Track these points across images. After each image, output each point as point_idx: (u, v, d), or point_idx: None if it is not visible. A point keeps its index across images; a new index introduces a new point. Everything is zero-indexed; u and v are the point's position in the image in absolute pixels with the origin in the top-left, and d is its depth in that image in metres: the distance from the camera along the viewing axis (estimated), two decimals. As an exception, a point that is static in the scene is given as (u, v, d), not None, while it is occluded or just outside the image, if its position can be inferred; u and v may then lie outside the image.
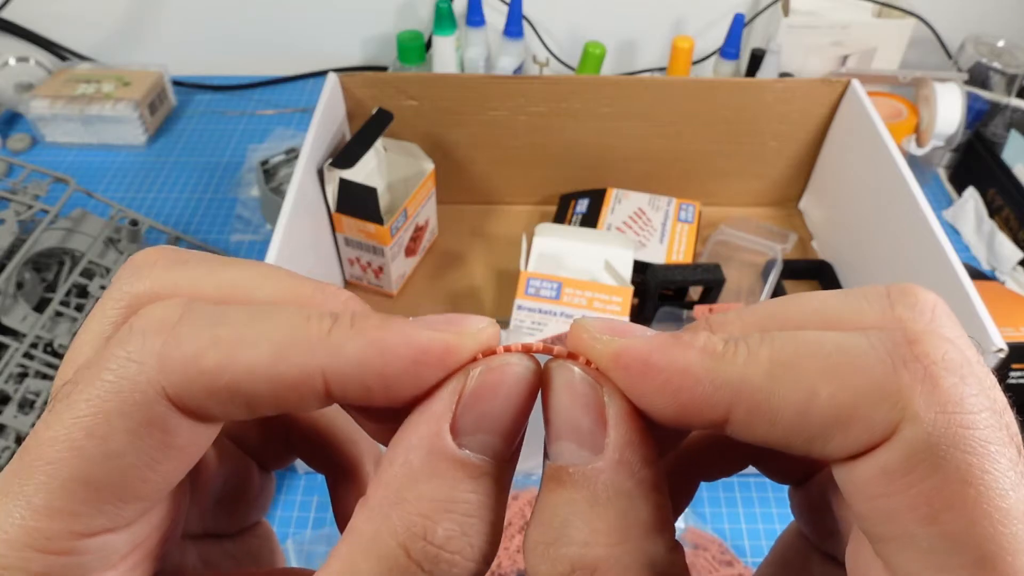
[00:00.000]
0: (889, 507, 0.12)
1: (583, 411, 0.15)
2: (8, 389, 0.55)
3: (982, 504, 0.11)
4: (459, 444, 0.15)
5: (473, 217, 0.81)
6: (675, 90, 0.73)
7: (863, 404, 0.12)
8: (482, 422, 0.15)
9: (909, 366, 0.12)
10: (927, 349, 0.12)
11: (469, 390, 0.15)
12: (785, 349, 0.13)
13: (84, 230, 0.63)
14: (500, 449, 0.15)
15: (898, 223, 0.62)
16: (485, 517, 0.15)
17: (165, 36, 1.04)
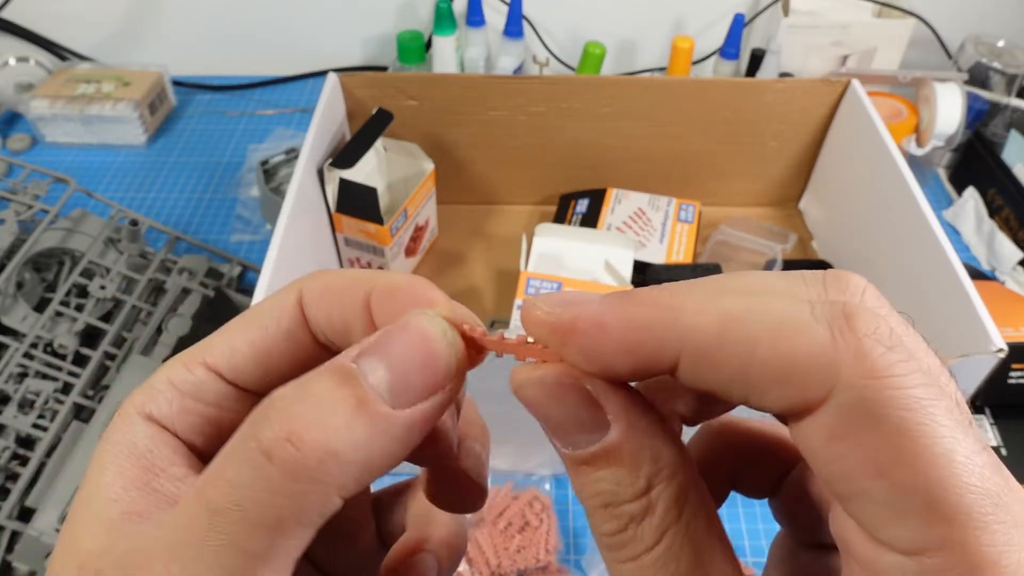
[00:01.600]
0: (843, 468, 0.13)
1: (575, 404, 0.16)
2: (8, 389, 0.55)
3: (922, 453, 0.13)
4: (355, 361, 0.15)
5: (473, 217, 0.81)
6: (675, 90, 0.73)
7: (799, 365, 0.14)
8: (374, 347, 0.16)
9: (844, 336, 0.13)
10: (859, 323, 0.14)
11: (395, 325, 0.16)
12: (734, 306, 0.15)
13: (84, 230, 0.63)
14: (382, 386, 0.15)
15: (898, 223, 0.62)
16: (324, 419, 0.14)
17: (165, 36, 1.04)
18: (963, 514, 0.12)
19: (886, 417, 0.13)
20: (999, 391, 0.59)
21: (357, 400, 0.15)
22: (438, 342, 0.16)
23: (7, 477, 0.53)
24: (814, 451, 0.14)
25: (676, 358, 0.15)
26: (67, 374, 0.57)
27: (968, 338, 0.50)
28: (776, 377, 0.14)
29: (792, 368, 0.14)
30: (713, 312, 0.15)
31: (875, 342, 0.13)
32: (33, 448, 0.54)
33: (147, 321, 0.61)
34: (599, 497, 0.16)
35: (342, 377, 0.15)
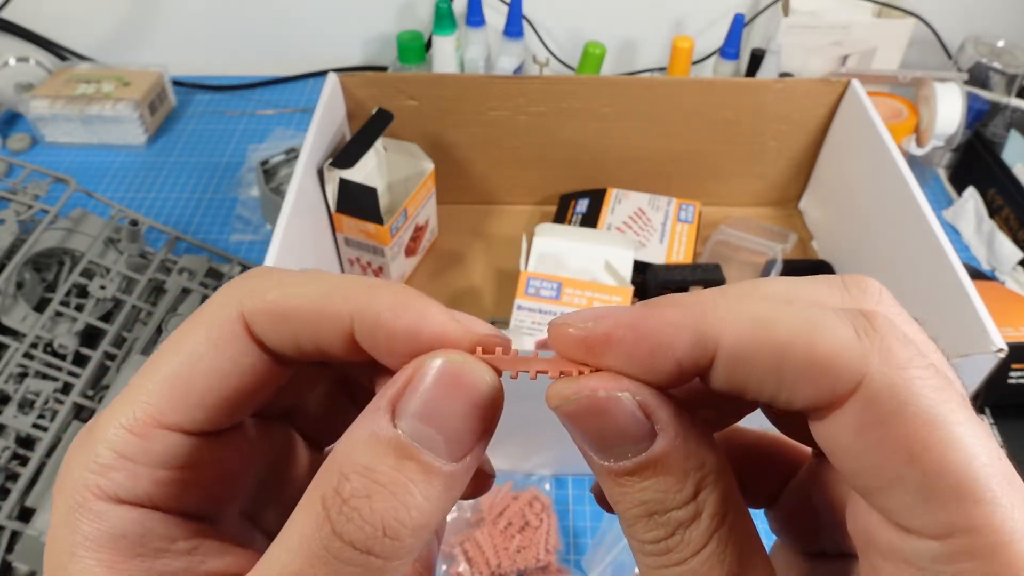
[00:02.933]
0: (872, 459, 0.14)
1: (622, 415, 0.16)
2: (8, 389, 0.55)
3: (948, 440, 0.13)
4: (394, 424, 0.15)
5: (473, 217, 0.81)
6: (675, 90, 0.73)
7: (830, 360, 0.14)
8: (421, 411, 0.15)
9: (869, 334, 0.14)
10: (879, 324, 0.15)
11: (417, 376, 0.16)
12: (764, 307, 0.15)
13: (84, 230, 0.63)
14: (438, 447, 0.15)
15: (898, 223, 0.62)
16: (403, 499, 0.15)
17: (165, 36, 1.04)
18: (985, 495, 0.13)
19: (913, 405, 0.14)
20: (999, 391, 0.59)
21: (424, 472, 0.15)
22: (482, 392, 0.16)
23: (7, 477, 0.53)
24: (842, 445, 0.15)
25: (712, 356, 0.15)
26: (67, 374, 0.57)
27: (968, 338, 0.50)
28: (808, 372, 0.14)
29: (824, 363, 0.14)
30: (745, 312, 0.15)
31: (896, 340, 0.14)
32: (33, 448, 0.54)
33: (147, 321, 0.61)
34: (643, 507, 0.16)
35: (400, 453, 0.15)
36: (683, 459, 0.16)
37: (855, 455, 0.14)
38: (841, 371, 0.14)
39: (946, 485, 0.13)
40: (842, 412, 0.14)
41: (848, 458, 0.15)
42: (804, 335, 0.15)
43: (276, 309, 0.17)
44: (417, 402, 0.15)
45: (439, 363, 0.16)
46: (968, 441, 0.14)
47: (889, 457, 0.14)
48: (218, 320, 0.17)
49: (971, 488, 0.13)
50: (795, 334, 0.15)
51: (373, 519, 0.14)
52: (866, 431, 0.14)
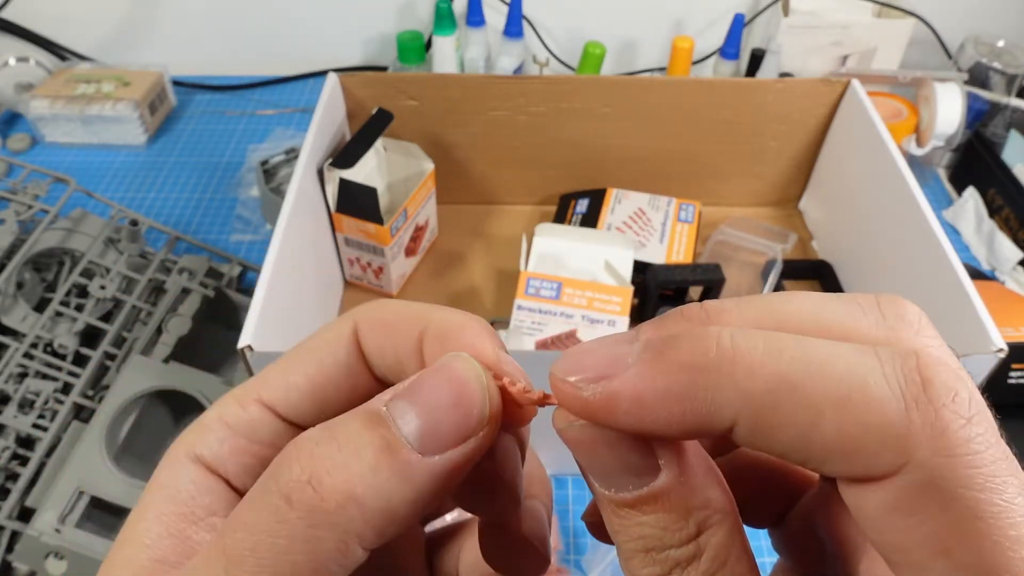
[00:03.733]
0: (902, 541, 0.13)
1: (626, 448, 0.15)
2: (8, 389, 0.55)
3: (992, 535, 0.12)
4: (385, 405, 0.15)
5: (473, 217, 0.81)
6: (675, 90, 0.73)
7: (870, 439, 0.12)
8: (407, 392, 0.15)
9: (921, 408, 0.12)
10: (937, 391, 0.12)
11: (429, 368, 0.16)
12: (792, 363, 0.13)
13: (84, 230, 0.63)
14: (411, 431, 0.15)
15: (898, 223, 0.62)
16: (346, 458, 0.14)
17: (165, 36, 1.04)
18: None
19: (959, 497, 0.12)
20: (999, 391, 0.59)
21: (384, 444, 0.14)
22: (469, 385, 0.15)
23: (7, 477, 0.53)
24: (871, 520, 0.13)
25: (731, 423, 0.14)
26: (67, 374, 0.57)
27: (968, 338, 0.50)
28: (841, 450, 0.13)
29: (861, 442, 0.13)
30: (769, 374, 0.13)
31: (954, 414, 0.13)
32: (33, 448, 0.54)
33: (147, 321, 0.61)
34: (641, 541, 0.15)
35: (370, 420, 0.15)
36: (686, 497, 0.15)
37: (883, 531, 0.13)
38: (882, 452, 0.13)
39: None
40: (878, 487, 0.13)
41: (875, 531, 0.13)
42: (838, 404, 0.13)
43: (378, 316, 0.18)
44: (412, 388, 0.15)
45: (451, 361, 0.16)
46: (1020, 535, 0.12)
47: (921, 545, 0.13)
48: (336, 325, 0.18)
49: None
50: (827, 402, 0.13)
51: (307, 463, 0.14)
52: (901, 514, 0.13)
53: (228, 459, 0.17)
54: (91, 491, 0.51)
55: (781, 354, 0.13)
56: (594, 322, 0.63)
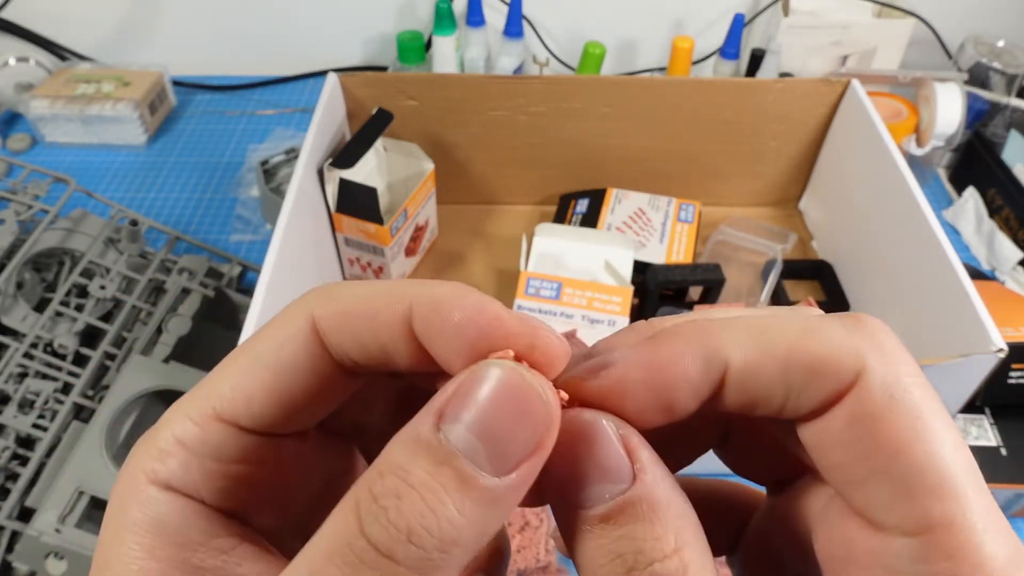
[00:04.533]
0: (861, 450, 0.15)
1: (605, 448, 0.15)
2: (8, 389, 0.55)
3: (936, 436, 0.14)
4: (438, 428, 0.14)
5: (473, 217, 0.81)
6: (675, 90, 0.73)
7: (833, 355, 0.15)
8: (466, 417, 0.14)
9: (863, 334, 0.15)
10: (873, 329, 0.16)
11: (469, 381, 0.15)
12: (762, 321, 0.16)
13: (84, 230, 0.63)
14: (480, 458, 0.14)
15: (898, 223, 0.62)
16: (433, 506, 0.14)
17: (165, 36, 1.04)
18: (963, 492, 0.14)
19: (905, 401, 0.14)
20: (999, 391, 0.59)
21: (460, 480, 0.14)
22: (528, 398, 0.14)
23: (7, 477, 0.53)
24: (831, 438, 0.15)
25: (724, 376, 0.15)
26: (67, 374, 0.57)
27: (968, 338, 0.50)
28: (813, 371, 0.15)
29: (825, 362, 0.15)
30: (744, 326, 0.16)
31: (884, 336, 0.15)
32: (33, 448, 0.54)
33: (147, 321, 0.61)
34: (620, 560, 0.14)
35: (437, 458, 0.14)
36: (665, 504, 0.15)
37: (844, 445, 0.15)
38: (842, 367, 0.15)
39: (928, 479, 0.14)
40: (838, 406, 0.15)
41: (836, 450, 0.15)
42: (803, 339, 0.15)
43: (342, 308, 0.16)
44: (463, 408, 0.14)
45: (495, 372, 0.15)
46: (950, 441, 0.14)
47: (877, 448, 0.14)
48: (287, 322, 0.17)
49: (951, 484, 0.14)
50: (795, 339, 0.15)
51: (399, 521, 0.13)
52: (858, 422, 0.15)
53: (201, 485, 0.16)
54: (91, 491, 0.51)
55: (750, 319, 0.16)
56: (594, 322, 0.63)
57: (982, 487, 0.14)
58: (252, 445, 0.17)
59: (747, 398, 0.16)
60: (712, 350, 0.15)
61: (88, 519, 0.52)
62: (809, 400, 0.15)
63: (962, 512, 0.14)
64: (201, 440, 0.16)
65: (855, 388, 0.15)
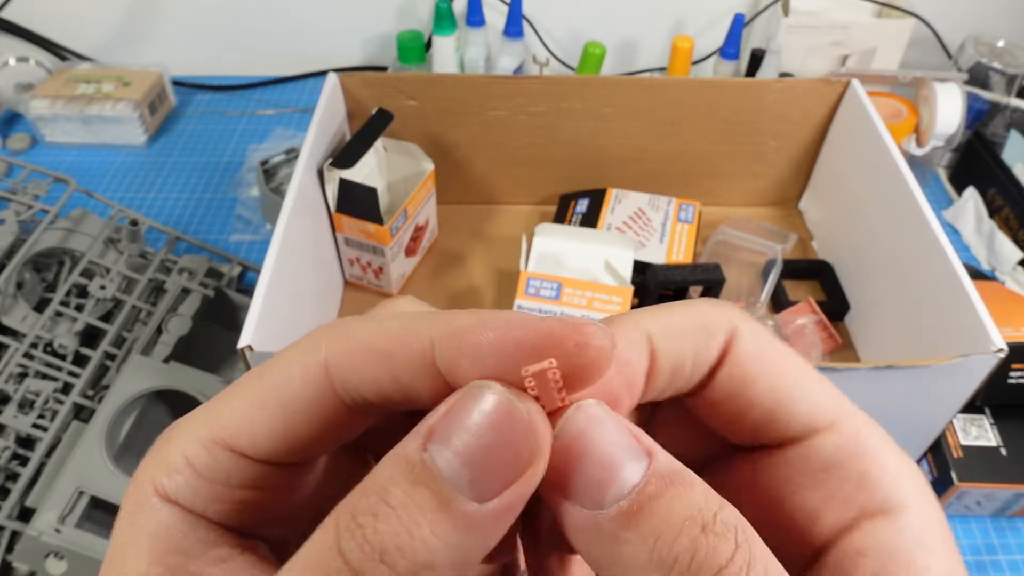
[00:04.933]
0: (770, 382, 0.18)
1: (617, 436, 0.15)
2: (8, 389, 0.55)
3: (804, 369, 0.18)
4: (424, 448, 0.14)
5: (473, 217, 0.81)
6: (675, 90, 0.73)
7: (715, 318, 0.18)
8: (451, 438, 0.14)
9: (729, 308, 0.18)
10: (734, 307, 0.19)
11: (460, 402, 0.14)
12: (658, 310, 0.18)
13: (84, 230, 0.63)
14: (461, 482, 0.14)
15: (898, 223, 0.62)
16: (408, 526, 0.13)
17: (165, 36, 1.04)
18: (847, 405, 0.18)
19: (774, 342, 0.18)
20: (999, 391, 0.59)
21: (438, 502, 0.13)
22: (511, 420, 0.14)
23: (7, 477, 0.53)
24: (735, 391, 0.18)
25: (652, 353, 0.17)
26: (67, 374, 0.57)
27: (968, 338, 0.50)
28: (706, 329, 0.18)
29: (712, 323, 0.18)
30: (650, 315, 0.18)
31: (737, 309, 0.18)
32: (33, 448, 0.54)
33: (147, 321, 0.61)
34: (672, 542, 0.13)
35: (416, 477, 0.14)
36: (687, 469, 0.14)
37: (751, 379, 0.17)
38: (721, 326, 0.18)
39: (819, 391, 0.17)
40: (724, 363, 0.18)
41: (751, 395, 0.18)
42: (690, 312, 0.18)
43: (356, 346, 0.16)
44: (450, 430, 0.14)
45: (486, 396, 0.14)
46: (810, 374, 0.18)
47: (779, 375, 0.17)
48: (297, 357, 0.16)
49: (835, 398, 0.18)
50: (685, 311, 0.18)
51: (373, 540, 0.13)
52: (746, 363, 0.18)
53: (208, 506, 0.16)
54: (91, 491, 0.51)
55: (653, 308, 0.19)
56: (594, 322, 0.63)
57: (851, 407, 0.17)
58: (259, 472, 0.17)
59: (669, 371, 0.17)
60: (642, 332, 0.17)
61: (88, 519, 0.52)
62: (708, 359, 0.18)
63: (852, 425, 0.17)
64: (207, 464, 0.16)
65: (733, 343, 0.17)
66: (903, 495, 0.16)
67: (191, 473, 0.16)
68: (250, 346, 0.46)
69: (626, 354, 0.17)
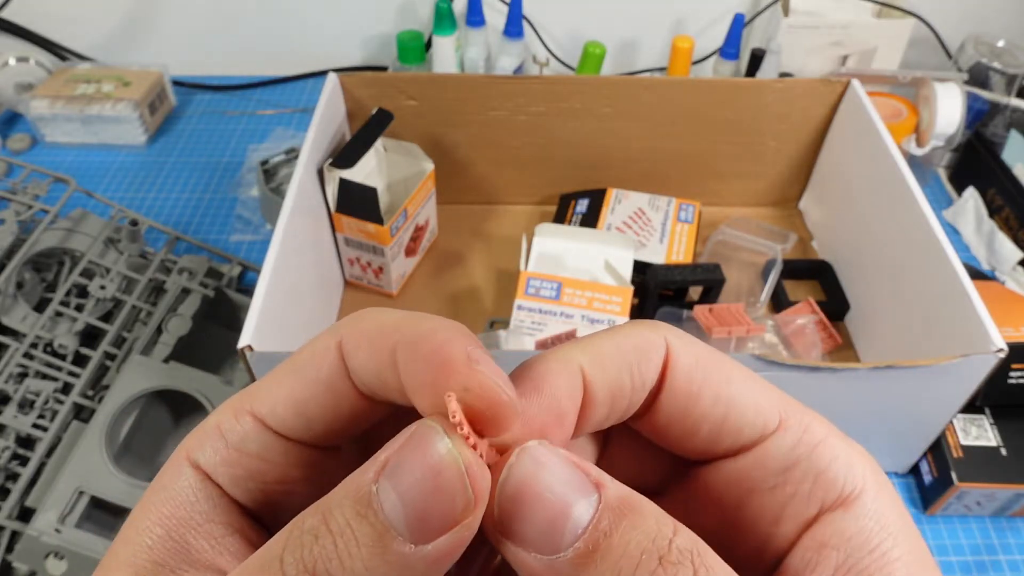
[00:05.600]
0: (706, 404, 0.18)
1: (564, 472, 0.15)
2: (8, 389, 0.55)
3: (742, 375, 0.18)
4: (375, 479, 0.14)
5: (473, 217, 0.81)
6: (675, 90, 0.73)
7: (650, 341, 0.18)
8: (394, 476, 0.14)
9: (663, 328, 0.19)
10: (667, 326, 0.19)
11: (409, 442, 0.15)
12: (592, 340, 0.18)
13: (84, 230, 0.63)
14: (398, 521, 0.14)
15: (898, 223, 0.62)
16: (341, 554, 0.14)
17: (165, 36, 1.04)
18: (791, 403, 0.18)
19: (710, 350, 0.18)
20: (999, 391, 0.59)
21: (376, 536, 0.14)
22: (446, 472, 0.14)
23: (7, 477, 0.53)
24: (682, 408, 0.18)
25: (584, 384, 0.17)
26: (67, 374, 0.57)
27: (968, 338, 0.50)
28: (643, 353, 0.18)
29: (647, 346, 0.18)
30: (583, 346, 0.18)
31: (675, 329, 0.19)
32: (33, 448, 0.54)
33: (147, 321, 0.61)
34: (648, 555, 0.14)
35: (361, 507, 0.14)
36: (638, 496, 0.15)
37: (687, 397, 0.18)
38: (656, 347, 0.18)
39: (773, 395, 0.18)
40: (666, 385, 0.18)
41: (686, 414, 0.18)
42: (626, 340, 0.18)
43: (360, 332, 0.17)
44: (396, 469, 0.14)
45: (431, 441, 0.14)
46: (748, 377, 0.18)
47: (717, 393, 0.18)
48: (323, 336, 0.17)
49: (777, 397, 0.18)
50: (621, 341, 0.18)
51: (308, 559, 0.14)
52: (686, 382, 0.18)
53: (219, 469, 0.17)
54: (91, 491, 0.51)
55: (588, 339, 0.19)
56: (594, 322, 0.63)
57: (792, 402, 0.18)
58: (271, 445, 0.17)
59: (607, 399, 0.17)
60: (571, 363, 0.17)
61: (88, 519, 0.52)
62: (646, 380, 0.18)
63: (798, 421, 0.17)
64: (232, 429, 0.17)
65: (670, 360, 0.18)
66: (856, 481, 0.16)
67: (217, 436, 0.17)
68: (250, 346, 0.46)
69: (553, 388, 0.16)
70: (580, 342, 0.18)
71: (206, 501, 0.17)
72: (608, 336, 0.18)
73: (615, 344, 0.18)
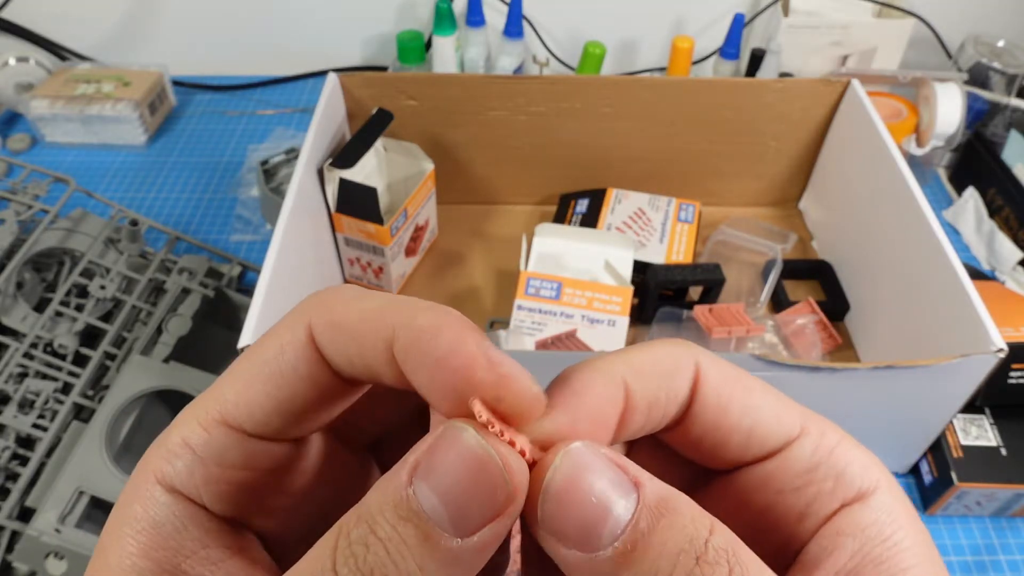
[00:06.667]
0: (741, 407, 0.18)
1: (604, 483, 0.15)
2: (8, 389, 0.55)
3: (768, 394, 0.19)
4: (410, 482, 0.15)
5: (473, 217, 0.81)
6: (675, 90, 0.73)
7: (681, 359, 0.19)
8: (432, 478, 0.14)
9: (692, 347, 0.19)
10: (693, 343, 0.19)
11: (440, 443, 0.15)
12: (624, 355, 0.19)
13: (84, 230, 0.63)
14: (442, 519, 0.14)
15: (898, 223, 0.62)
16: (396, 560, 0.14)
17: (165, 36, 1.04)
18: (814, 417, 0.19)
19: (734, 368, 0.19)
20: (999, 391, 0.59)
21: (422, 538, 0.14)
22: (486, 466, 0.15)
23: (7, 477, 0.53)
24: (713, 421, 0.18)
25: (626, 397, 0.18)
26: (67, 374, 0.57)
27: (968, 338, 0.50)
28: (669, 374, 0.18)
29: (676, 365, 0.18)
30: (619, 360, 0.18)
31: (703, 354, 0.19)
32: (33, 448, 0.54)
33: (147, 321, 0.61)
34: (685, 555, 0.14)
35: (402, 511, 0.14)
36: (676, 493, 0.15)
37: (722, 410, 0.18)
38: (686, 365, 0.18)
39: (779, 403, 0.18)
40: (695, 401, 0.18)
41: (718, 423, 0.18)
42: (658, 356, 0.18)
43: (333, 320, 0.17)
44: (430, 470, 0.15)
45: (462, 438, 0.15)
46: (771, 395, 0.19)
47: (748, 403, 0.18)
48: (286, 330, 0.17)
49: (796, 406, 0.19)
50: (652, 357, 0.18)
51: (365, 568, 0.14)
52: (713, 398, 0.18)
53: (202, 489, 0.16)
54: (91, 491, 0.51)
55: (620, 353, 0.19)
56: (594, 322, 0.63)
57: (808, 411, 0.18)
58: (256, 451, 0.17)
59: (645, 410, 0.18)
60: (617, 373, 0.17)
61: (88, 519, 0.52)
62: (680, 395, 0.18)
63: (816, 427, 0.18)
64: (206, 443, 0.16)
65: (700, 376, 0.18)
66: (871, 480, 0.17)
67: (188, 454, 0.16)
68: (250, 346, 0.46)
69: (597, 394, 0.17)
70: (618, 355, 0.18)
71: (196, 528, 0.16)
72: (644, 350, 0.18)
73: (652, 358, 0.18)
